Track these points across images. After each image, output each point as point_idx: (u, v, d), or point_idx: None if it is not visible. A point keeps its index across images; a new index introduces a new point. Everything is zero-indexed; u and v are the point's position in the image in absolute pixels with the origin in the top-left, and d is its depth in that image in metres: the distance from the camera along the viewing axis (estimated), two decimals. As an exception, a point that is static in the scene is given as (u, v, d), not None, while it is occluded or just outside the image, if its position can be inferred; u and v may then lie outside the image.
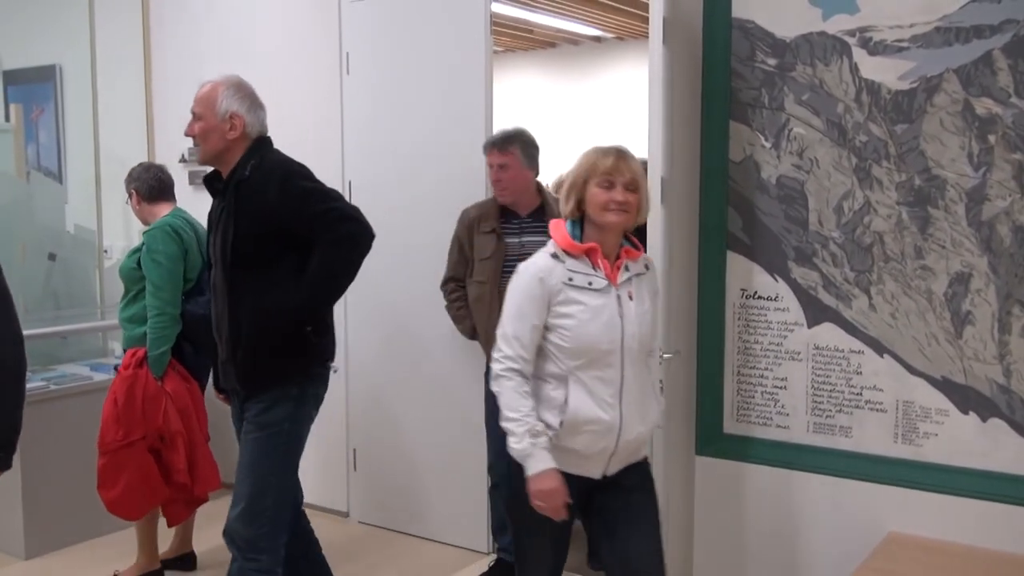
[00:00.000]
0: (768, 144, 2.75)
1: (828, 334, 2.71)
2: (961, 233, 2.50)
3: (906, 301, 2.59)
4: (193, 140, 2.70)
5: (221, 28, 4.40)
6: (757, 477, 2.85)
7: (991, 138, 2.44)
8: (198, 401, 3.47)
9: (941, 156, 2.51)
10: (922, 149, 2.53)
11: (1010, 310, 2.46)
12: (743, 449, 2.87)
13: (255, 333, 2.53)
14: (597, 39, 9.47)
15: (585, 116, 9.38)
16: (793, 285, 2.75)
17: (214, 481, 3.51)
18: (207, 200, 3.03)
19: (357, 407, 4.10)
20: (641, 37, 8.77)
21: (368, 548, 3.87)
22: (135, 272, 3.33)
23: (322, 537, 3.15)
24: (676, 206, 2.77)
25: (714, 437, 2.91)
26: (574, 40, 9.59)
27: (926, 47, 2.50)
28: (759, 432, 2.84)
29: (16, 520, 3.70)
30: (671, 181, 2.66)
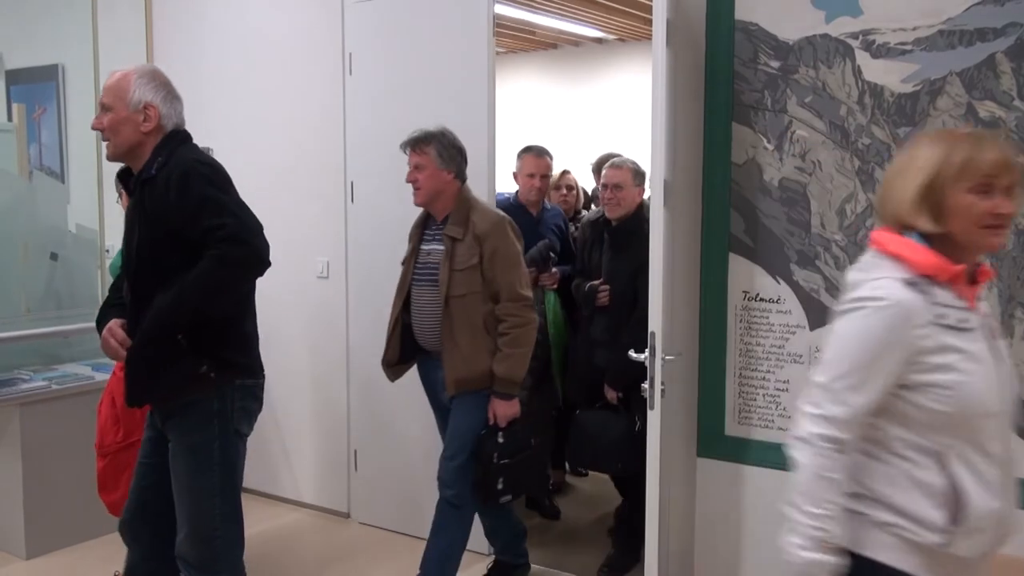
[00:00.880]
0: (771, 146, 2.75)
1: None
2: (964, 236, 2.50)
3: (908, 304, 2.59)
4: (102, 135, 2.46)
5: (224, 28, 4.40)
6: (758, 479, 2.85)
7: (994, 141, 2.44)
8: None
9: (944, 159, 2.51)
10: (925, 152, 2.53)
11: (1012, 313, 2.46)
12: (744, 451, 2.86)
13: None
14: (599, 40, 9.47)
15: (586, 117, 9.38)
16: (795, 287, 2.75)
17: None
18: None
19: (358, 408, 4.10)
20: (642, 38, 8.77)
21: (369, 549, 3.87)
22: None
23: (323, 538, 3.16)
24: (678, 208, 2.77)
25: (715, 439, 2.91)
26: (575, 41, 9.60)
27: (929, 50, 2.50)
28: (760, 434, 2.84)
29: (17, 519, 3.70)
30: (673, 183, 2.66)
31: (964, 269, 1.58)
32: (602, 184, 3.61)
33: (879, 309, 1.53)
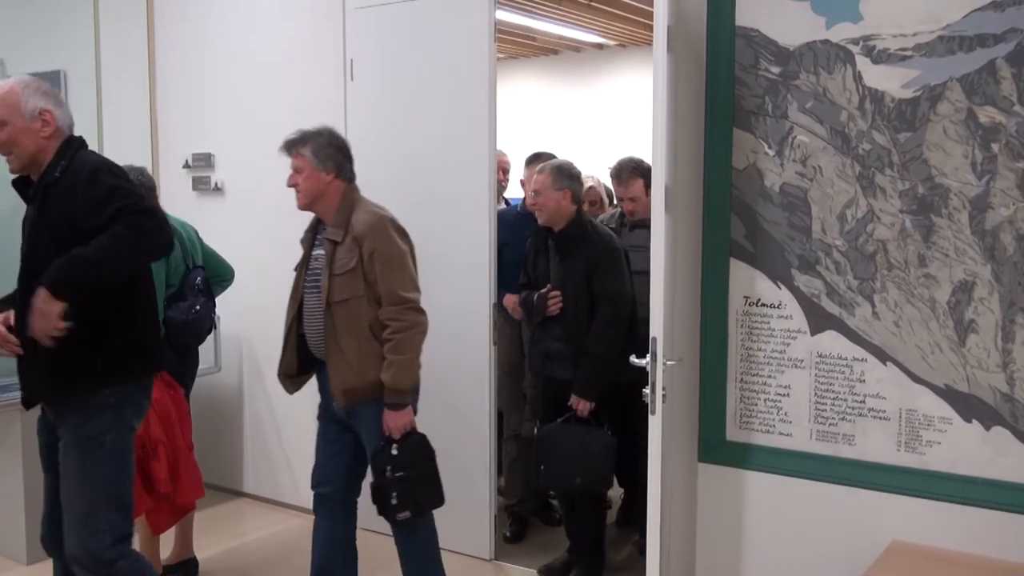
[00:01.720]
0: (772, 152, 2.76)
1: (831, 342, 2.71)
2: (964, 241, 2.50)
3: (909, 309, 2.60)
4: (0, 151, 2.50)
5: (225, 34, 4.42)
6: (760, 485, 2.85)
7: (994, 147, 2.44)
8: (182, 408, 3.42)
9: (944, 165, 2.51)
10: (925, 157, 2.54)
11: (1013, 318, 2.46)
12: (746, 457, 2.86)
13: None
14: (599, 46, 9.49)
15: (587, 123, 9.41)
16: (796, 293, 2.76)
17: (198, 490, 3.46)
18: (209, 207, 3.03)
19: (359, 413, 4.09)
20: (642, 44, 8.79)
21: (371, 554, 3.86)
22: None
23: (324, 543, 3.16)
24: (679, 213, 2.78)
25: (717, 444, 2.91)
26: (576, 47, 9.62)
27: (929, 56, 2.51)
28: (762, 440, 2.84)
29: (18, 525, 3.70)
30: (674, 189, 2.67)
31: None
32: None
33: None
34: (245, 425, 4.46)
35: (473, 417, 3.65)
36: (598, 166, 4.98)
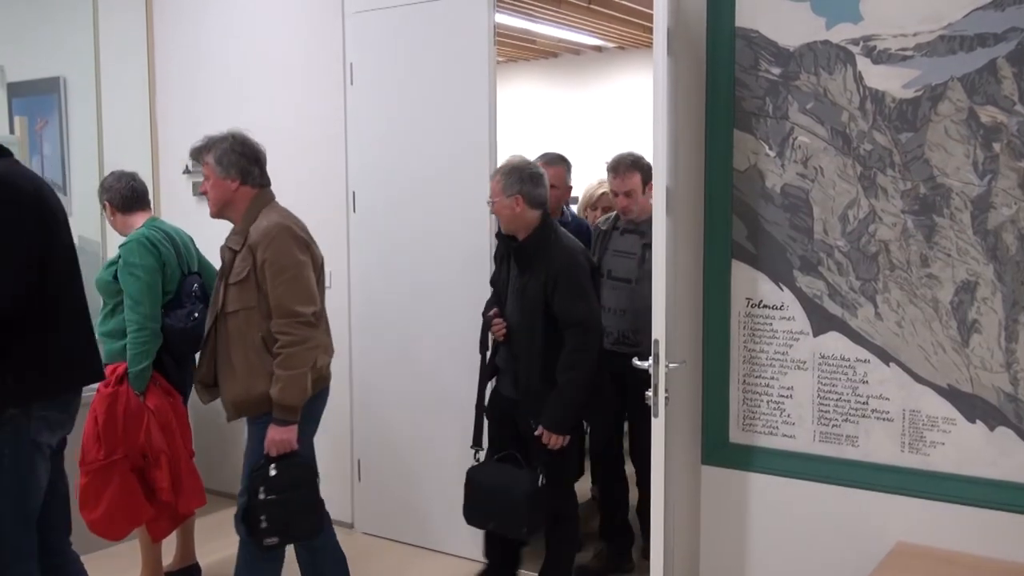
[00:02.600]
0: (772, 153, 2.75)
1: (834, 343, 2.70)
2: (967, 241, 2.50)
3: (912, 310, 2.59)
4: None
5: (225, 39, 4.42)
6: (763, 487, 2.84)
7: (996, 146, 2.44)
8: (181, 416, 3.41)
9: (946, 164, 2.51)
10: (927, 157, 2.53)
11: (1016, 318, 2.45)
12: (749, 459, 2.86)
13: None
14: (598, 49, 9.50)
15: (587, 125, 9.40)
16: (798, 294, 2.75)
17: (199, 497, 3.45)
18: (208, 212, 3.03)
19: (361, 419, 4.09)
20: (642, 46, 8.79)
21: (372, 559, 3.86)
22: (112, 285, 3.23)
23: (327, 548, 3.15)
24: (681, 215, 2.77)
25: (720, 447, 2.90)
26: (575, 50, 9.62)
27: (930, 56, 2.50)
28: (765, 442, 2.84)
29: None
30: (675, 190, 2.66)
31: None
32: None
33: None
34: (245, 429, 4.45)
35: (471, 422, 3.64)
36: (598, 168, 4.96)
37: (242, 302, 2.78)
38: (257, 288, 2.76)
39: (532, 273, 3.11)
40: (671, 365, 2.54)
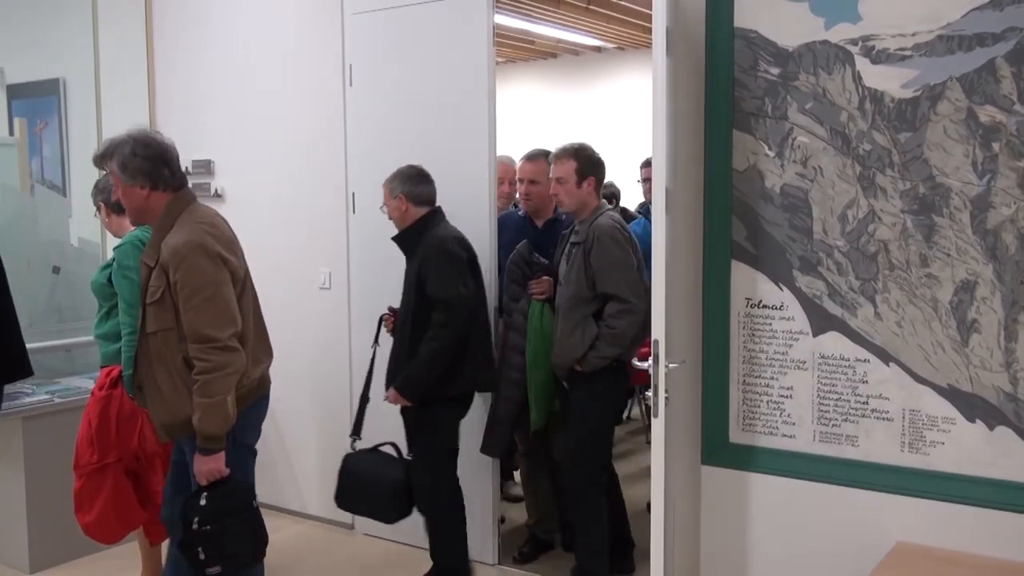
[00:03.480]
0: (772, 153, 2.76)
1: (833, 343, 2.71)
2: (966, 241, 2.50)
3: (912, 309, 2.59)
4: None
5: (224, 40, 4.42)
6: (763, 487, 2.84)
7: (995, 146, 2.44)
8: None
9: (945, 164, 2.51)
10: (926, 157, 2.53)
11: (1016, 317, 2.45)
12: (749, 459, 2.86)
13: None
14: (597, 49, 9.51)
15: (585, 125, 9.39)
16: (798, 294, 2.75)
17: None
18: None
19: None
20: (641, 47, 8.80)
21: (373, 560, 3.86)
22: (106, 288, 3.19)
23: (328, 550, 3.15)
24: (680, 215, 2.77)
25: (720, 447, 2.90)
26: (575, 50, 9.64)
27: (929, 55, 2.51)
28: (765, 441, 2.84)
29: (21, 533, 3.69)
30: (675, 191, 2.66)
31: None
32: None
33: None
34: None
35: (475, 425, 3.63)
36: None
37: (160, 323, 2.59)
38: (174, 309, 2.57)
39: (411, 260, 3.38)
40: (671, 365, 2.54)
